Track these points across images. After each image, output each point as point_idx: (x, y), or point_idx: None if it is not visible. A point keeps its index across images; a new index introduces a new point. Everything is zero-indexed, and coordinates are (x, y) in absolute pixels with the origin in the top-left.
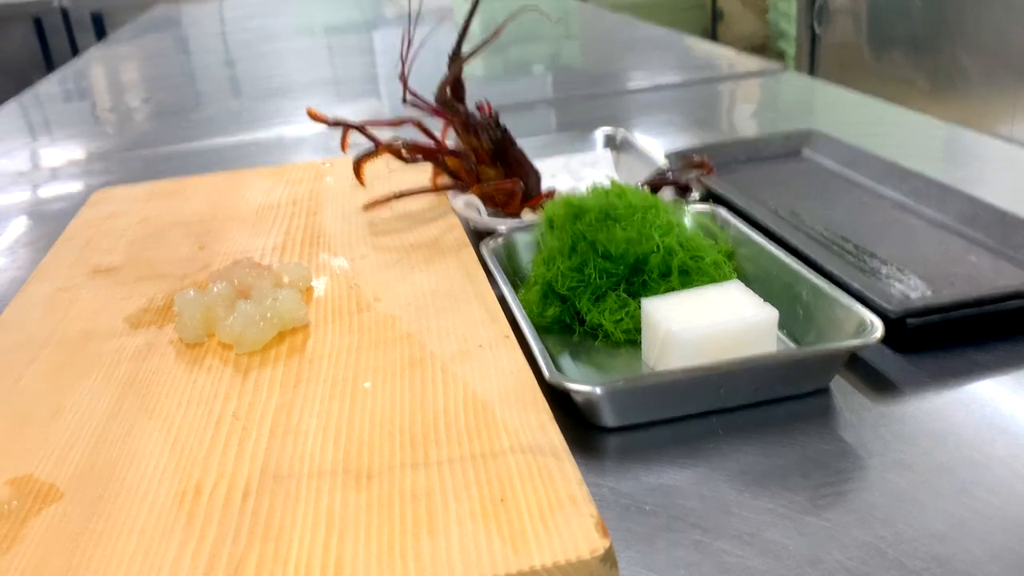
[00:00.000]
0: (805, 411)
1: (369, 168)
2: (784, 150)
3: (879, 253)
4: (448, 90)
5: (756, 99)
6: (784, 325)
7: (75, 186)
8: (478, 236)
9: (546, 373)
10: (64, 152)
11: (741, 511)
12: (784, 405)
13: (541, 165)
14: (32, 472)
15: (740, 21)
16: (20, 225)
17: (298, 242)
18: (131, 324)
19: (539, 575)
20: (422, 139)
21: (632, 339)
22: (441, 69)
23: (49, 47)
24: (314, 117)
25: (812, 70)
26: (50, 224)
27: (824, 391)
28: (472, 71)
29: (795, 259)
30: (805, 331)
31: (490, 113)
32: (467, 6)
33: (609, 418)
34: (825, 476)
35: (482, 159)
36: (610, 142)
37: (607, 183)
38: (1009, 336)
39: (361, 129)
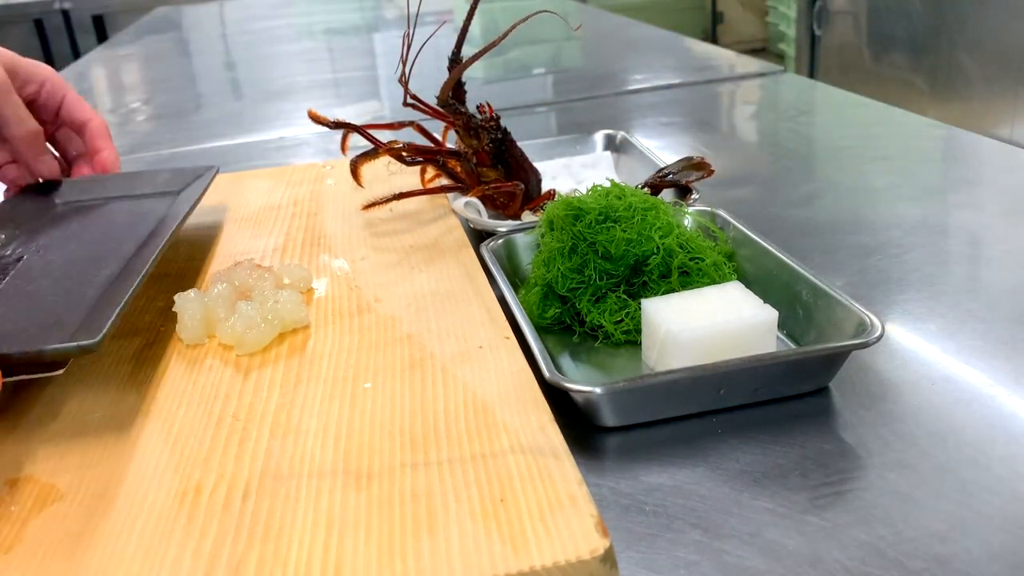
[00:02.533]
0: (805, 411)
1: (369, 169)
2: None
3: None
4: (450, 92)
5: (756, 101)
6: (784, 325)
7: None
8: (478, 237)
9: (546, 373)
10: None
11: (741, 511)
12: (784, 405)
13: (541, 167)
14: (32, 472)
15: (740, 23)
16: None
17: (298, 243)
18: (131, 325)
19: (539, 575)
20: (423, 142)
21: (632, 340)
22: (442, 71)
23: (50, 49)
24: (315, 119)
25: (812, 72)
26: None
27: (824, 391)
28: (473, 73)
29: (795, 259)
30: (805, 331)
31: (491, 115)
32: (467, 7)
33: (609, 418)
34: (825, 476)
35: (483, 161)
36: (610, 144)
37: (607, 184)
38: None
39: (361, 131)
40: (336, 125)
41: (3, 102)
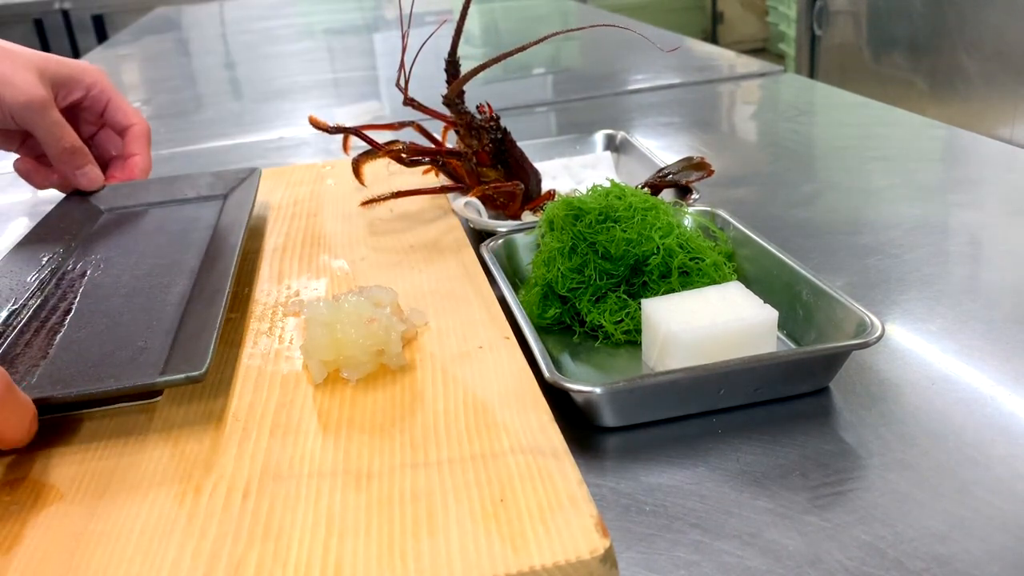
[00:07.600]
0: (805, 411)
1: (370, 168)
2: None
3: None
4: (457, 91)
5: (756, 100)
6: (784, 325)
7: None
8: (478, 237)
9: (546, 373)
10: None
11: (741, 511)
12: (784, 405)
13: (541, 167)
14: (32, 472)
15: (740, 23)
16: (20, 225)
17: (298, 243)
18: None
19: (539, 575)
20: (422, 142)
21: (632, 340)
22: (441, 71)
23: (50, 48)
24: (315, 125)
25: (812, 72)
26: None
27: (824, 391)
28: None
29: (795, 259)
30: (805, 331)
31: (491, 115)
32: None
33: (609, 418)
34: (825, 476)
35: (483, 161)
36: (610, 144)
37: (607, 184)
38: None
39: (361, 134)
40: (336, 130)
41: (39, 121)
